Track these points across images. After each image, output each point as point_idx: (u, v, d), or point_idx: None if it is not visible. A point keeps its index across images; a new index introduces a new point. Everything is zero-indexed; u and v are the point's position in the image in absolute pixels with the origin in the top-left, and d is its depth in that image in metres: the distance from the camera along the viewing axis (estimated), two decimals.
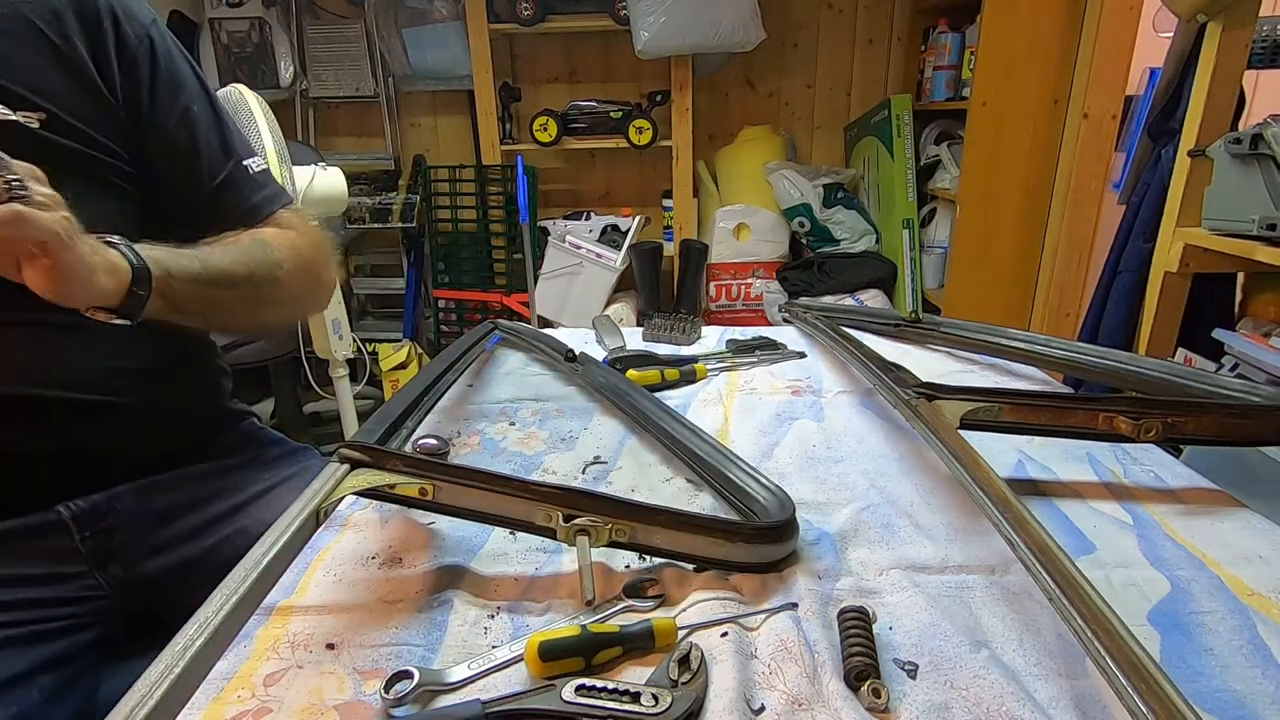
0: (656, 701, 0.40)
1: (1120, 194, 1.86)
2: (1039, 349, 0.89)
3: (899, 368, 0.75)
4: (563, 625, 0.48)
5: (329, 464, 0.54)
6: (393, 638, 0.48)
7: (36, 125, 0.62)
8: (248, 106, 1.24)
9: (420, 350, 2.77)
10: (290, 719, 0.41)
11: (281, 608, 0.51)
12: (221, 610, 0.40)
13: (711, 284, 2.68)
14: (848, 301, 2.46)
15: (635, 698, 0.41)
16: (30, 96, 0.63)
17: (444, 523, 0.61)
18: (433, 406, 0.80)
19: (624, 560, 0.55)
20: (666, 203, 2.68)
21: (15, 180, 0.51)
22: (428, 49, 2.63)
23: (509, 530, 0.58)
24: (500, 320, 1.11)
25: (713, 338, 1.09)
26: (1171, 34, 1.58)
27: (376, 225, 2.63)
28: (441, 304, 2.77)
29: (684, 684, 0.42)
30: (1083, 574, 0.42)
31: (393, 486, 0.53)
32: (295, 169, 1.34)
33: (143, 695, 0.35)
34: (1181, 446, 0.72)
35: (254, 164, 0.81)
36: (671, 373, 0.91)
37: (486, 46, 2.48)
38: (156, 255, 0.62)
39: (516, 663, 0.45)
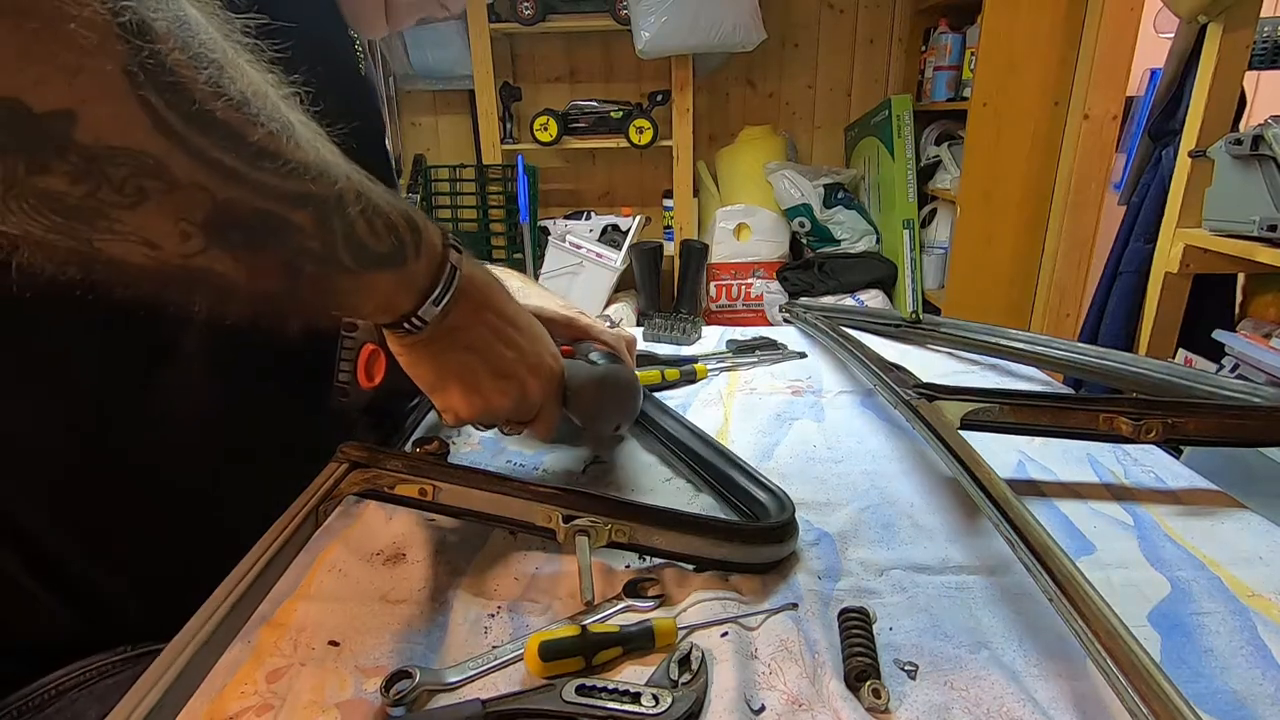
0: (656, 702, 0.40)
1: (1121, 195, 1.86)
2: (1039, 349, 0.89)
3: (899, 368, 0.75)
4: (563, 625, 0.48)
5: (329, 463, 0.54)
6: (394, 636, 0.48)
7: None
8: None
9: None
10: (292, 716, 0.41)
11: (284, 605, 0.51)
12: (224, 608, 0.40)
13: (712, 284, 2.68)
14: (848, 302, 2.46)
15: (635, 698, 0.41)
16: None
17: (444, 522, 0.61)
18: (433, 406, 0.79)
19: (624, 560, 0.55)
20: (667, 203, 2.68)
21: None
22: (428, 48, 2.63)
23: (509, 530, 0.59)
24: None
25: (713, 338, 1.09)
26: (1172, 35, 1.59)
27: None
28: None
29: (684, 684, 0.42)
30: (1083, 575, 0.42)
31: (393, 486, 0.53)
32: None
33: (145, 692, 0.35)
34: (1182, 447, 0.72)
35: None
36: (672, 373, 0.91)
37: (487, 46, 2.48)
38: None
39: (516, 663, 0.45)
